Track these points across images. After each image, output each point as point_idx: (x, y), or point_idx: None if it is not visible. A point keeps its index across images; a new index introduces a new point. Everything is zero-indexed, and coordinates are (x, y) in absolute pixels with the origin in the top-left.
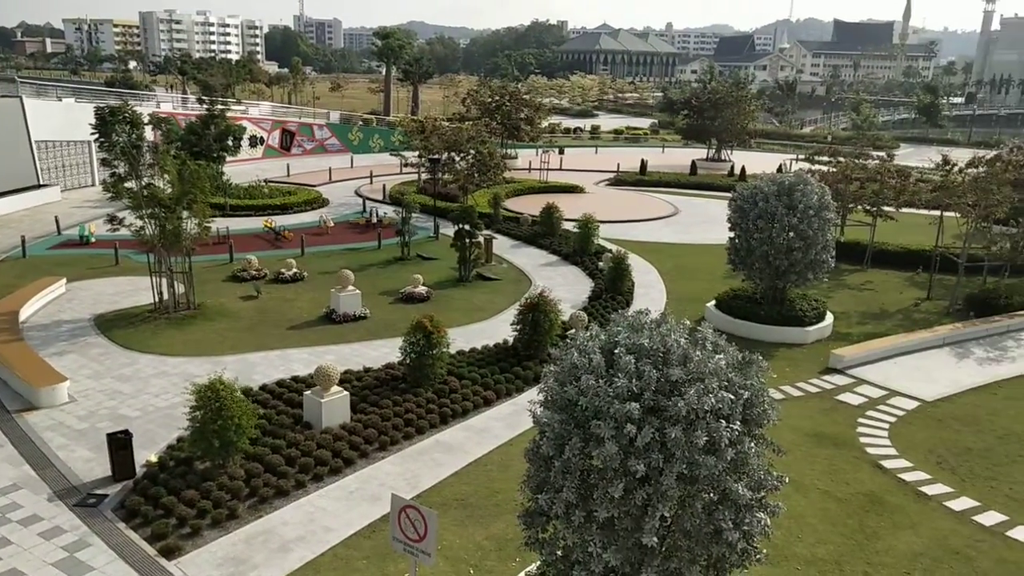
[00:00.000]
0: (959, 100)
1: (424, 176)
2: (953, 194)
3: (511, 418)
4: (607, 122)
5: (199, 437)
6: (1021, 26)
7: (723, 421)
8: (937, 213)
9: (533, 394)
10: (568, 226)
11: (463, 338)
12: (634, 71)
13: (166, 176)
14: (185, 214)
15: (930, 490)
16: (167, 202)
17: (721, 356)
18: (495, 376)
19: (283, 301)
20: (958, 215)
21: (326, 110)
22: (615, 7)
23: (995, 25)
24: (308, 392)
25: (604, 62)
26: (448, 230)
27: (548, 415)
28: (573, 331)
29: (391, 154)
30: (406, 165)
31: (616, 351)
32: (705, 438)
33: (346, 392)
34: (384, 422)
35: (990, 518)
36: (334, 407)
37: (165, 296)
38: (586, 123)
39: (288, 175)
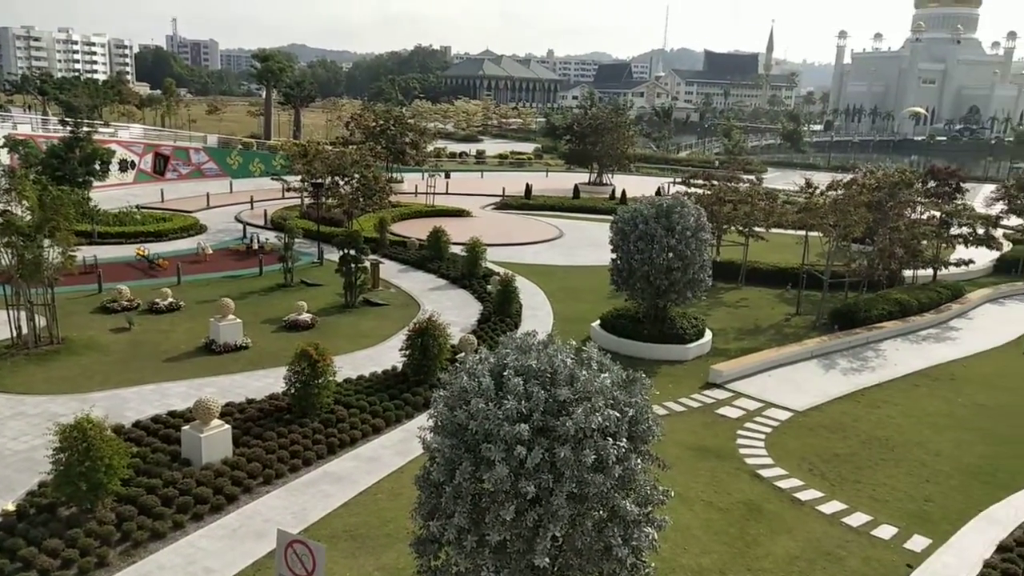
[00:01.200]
0: (819, 127)
1: (307, 201)
2: (816, 215)
3: (401, 445)
4: (492, 147)
5: (64, 481)
6: (869, 60)
7: (610, 439)
8: (803, 233)
9: (423, 420)
10: (456, 250)
11: (350, 365)
12: (517, 96)
13: (25, 202)
14: (47, 243)
15: (804, 496)
16: (26, 230)
17: (607, 375)
18: (384, 403)
19: (158, 332)
20: (821, 235)
21: (203, 133)
22: (497, 33)
23: (847, 59)
24: (186, 427)
25: (488, 87)
26: (333, 255)
27: (438, 440)
28: (463, 355)
29: (273, 178)
30: (288, 190)
31: (505, 373)
32: (593, 456)
33: (227, 425)
34: (269, 455)
35: (857, 519)
36: (215, 441)
37: (24, 330)
38: (471, 148)
39: (162, 201)
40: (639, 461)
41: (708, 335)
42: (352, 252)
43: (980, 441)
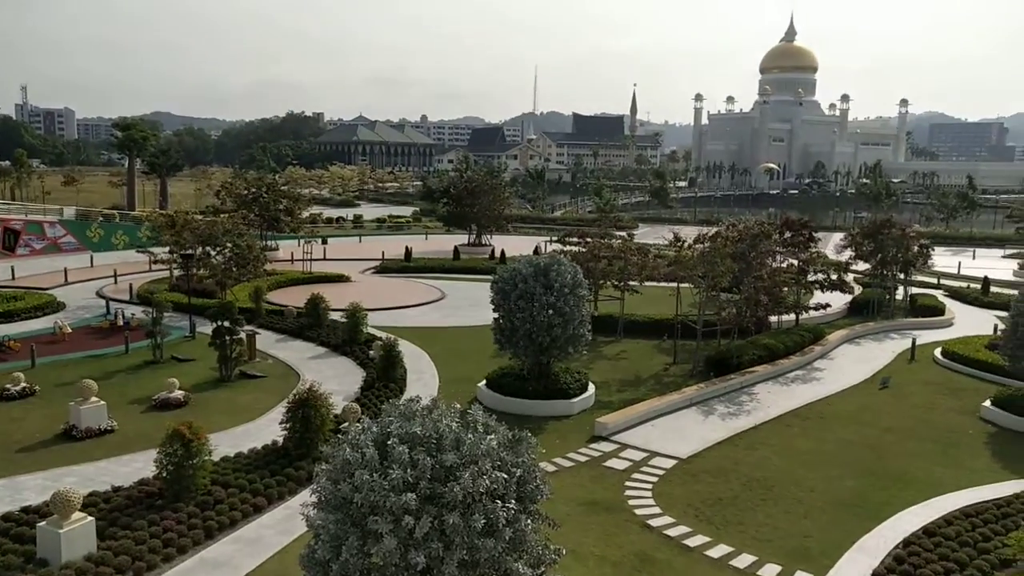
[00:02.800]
0: (684, 184)
1: (177, 273)
2: (686, 267)
3: (285, 524)
4: (370, 211)
5: None
6: (724, 121)
7: (499, 501)
8: (674, 285)
9: (307, 495)
10: (336, 316)
11: (228, 442)
12: (393, 161)
13: None
14: None
15: (692, 542)
16: None
17: (492, 437)
18: (265, 480)
19: (10, 421)
20: (692, 286)
21: (59, 206)
22: (370, 99)
23: (705, 120)
24: (43, 523)
25: (363, 152)
26: (206, 328)
27: (322, 516)
28: (346, 425)
29: (138, 251)
30: (156, 262)
31: (389, 442)
32: (483, 521)
33: (91, 517)
34: (138, 546)
35: (743, 560)
36: (76, 536)
37: None
38: (348, 212)
39: (13, 278)
40: (529, 522)
41: (592, 388)
42: (226, 323)
43: (849, 475)
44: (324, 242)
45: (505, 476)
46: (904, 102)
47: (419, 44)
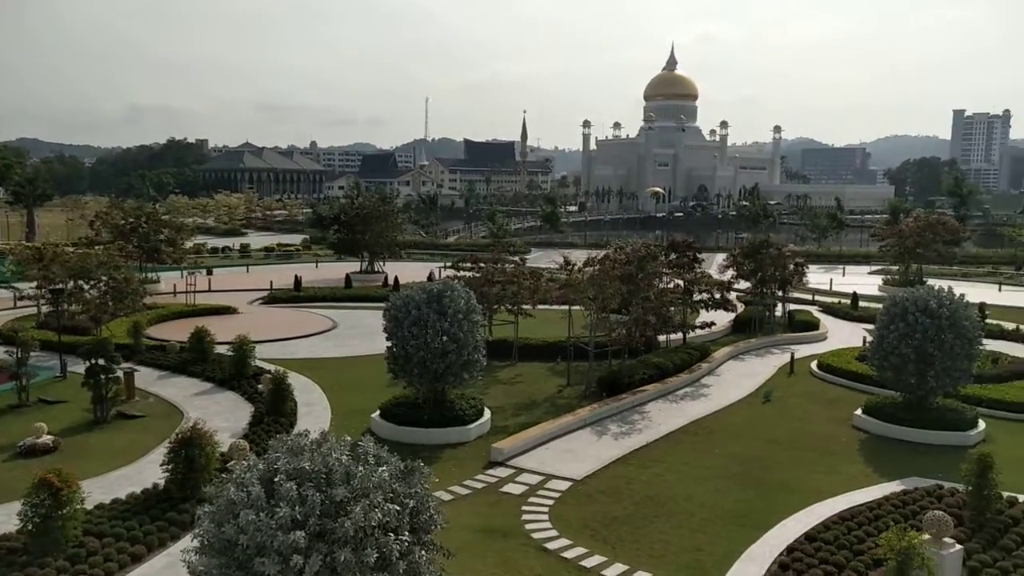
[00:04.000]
0: (574, 208)
1: (46, 309)
2: (576, 290)
3: (166, 572)
4: (257, 240)
5: None
6: (611, 146)
7: (392, 534)
8: (566, 307)
9: (190, 540)
10: (222, 349)
11: (103, 488)
12: (281, 188)
13: None
14: None
15: (588, 563)
16: None
17: (384, 468)
18: (145, 527)
19: None
20: (583, 308)
21: None
22: (256, 126)
23: (593, 145)
24: None
25: (250, 180)
26: (79, 367)
27: (205, 561)
28: (233, 463)
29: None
30: (21, 298)
31: (276, 479)
32: (375, 555)
33: None
34: None
35: None
36: None
37: None
38: (235, 241)
39: None
40: (423, 553)
41: (487, 414)
42: (101, 362)
43: (737, 487)
44: (209, 273)
45: (398, 508)
46: (777, 128)
47: (307, 69)
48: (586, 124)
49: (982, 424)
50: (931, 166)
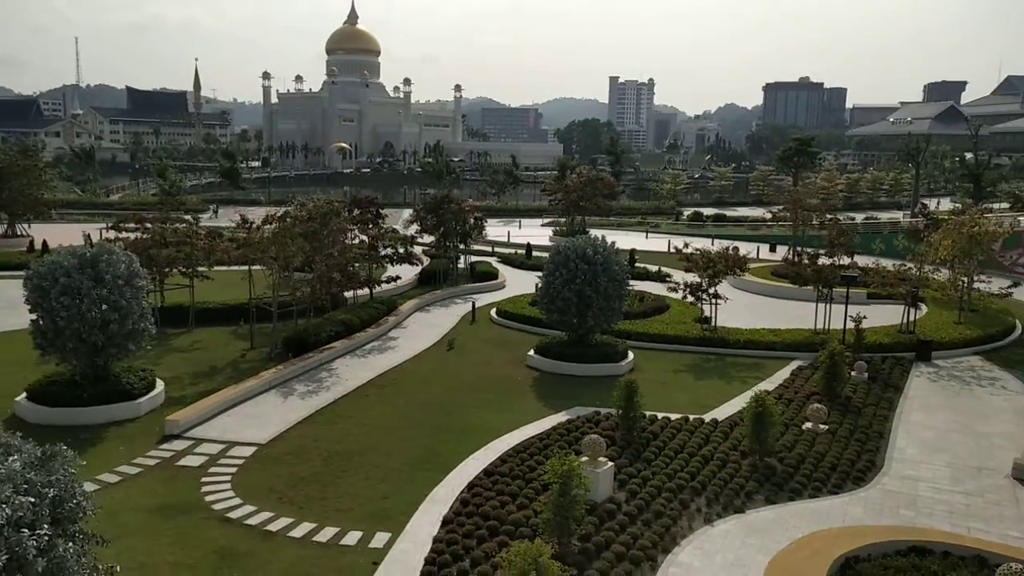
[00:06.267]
0: (257, 164)
1: None
2: (257, 249)
3: None
4: None
5: None
6: (295, 100)
7: (26, 530)
8: (247, 268)
9: None
10: None
11: None
12: None
13: None
14: None
15: (275, 526)
16: None
17: (15, 457)
18: None
19: None
20: (264, 268)
21: None
22: None
23: (275, 99)
24: None
25: None
26: None
27: None
28: None
29: None
30: None
31: None
32: (6, 556)
33: None
34: None
35: (326, 534)
36: None
37: None
38: None
39: None
40: (70, 545)
41: (160, 386)
42: None
43: (422, 435)
44: None
45: (33, 500)
46: (458, 88)
47: None
48: (266, 76)
49: (631, 355)
50: (593, 127)
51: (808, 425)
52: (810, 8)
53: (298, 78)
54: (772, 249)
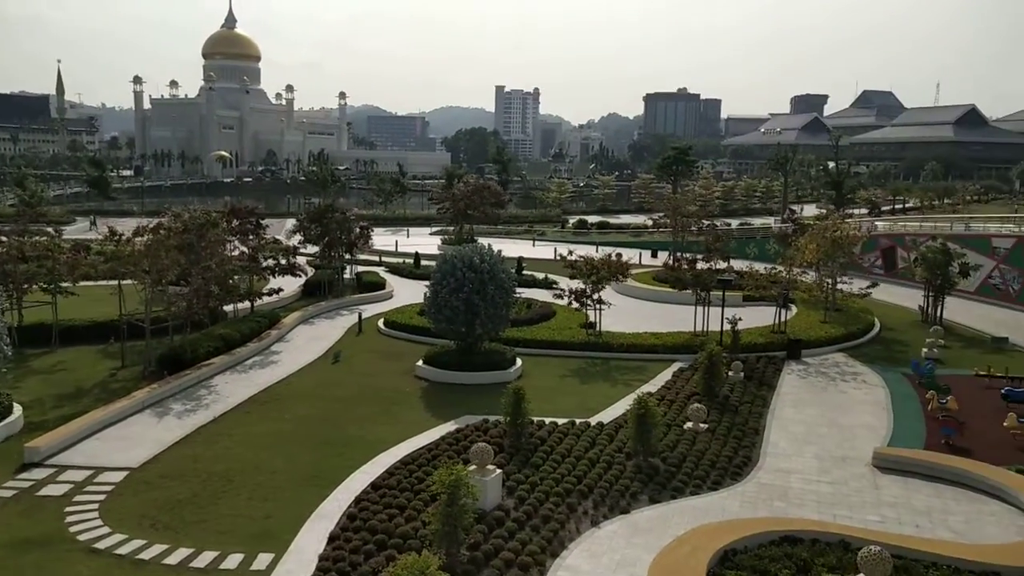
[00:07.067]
0: (129, 173)
1: None
2: (128, 263)
3: None
4: None
5: None
6: (170, 106)
7: None
8: (117, 282)
9: None
10: None
11: None
12: None
13: None
14: None
15: (148, 554)
16: None
17: None
18: None
19: None
20: (136, 282)
21: None
22: None
23: (147, 104)
24: None
25: None
26: None
27: None
28: None
29: None
30: None
31: None
32: None
33: None
34: None
35: (205, 558)
36: None
37: None
38: None
39: None
40: None
41: (18, 410)
42: None
43: (308, 450)
44: None
45: None
46: (343, 95)
47: None
48: (137, 80)
49: (519, 362)
50: (480, 136)
51: (689, 425)
52: (692, 24)
53: (173, 83)
54: (654, 255)
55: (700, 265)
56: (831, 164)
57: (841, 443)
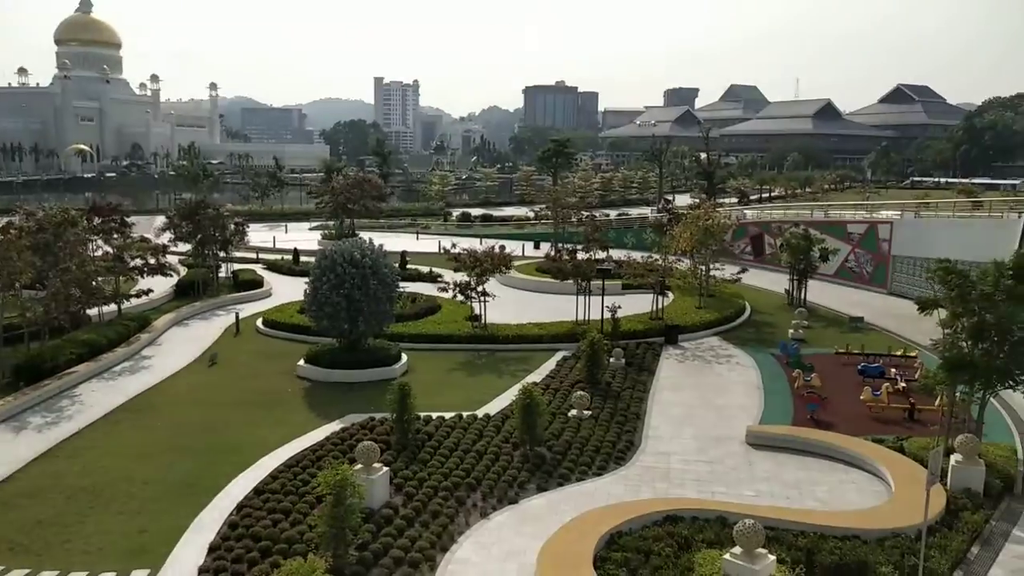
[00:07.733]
0: None
1: None
2: None
3: None
4: None
5: None
6: (19, 96)
7: None
8: None
9: None
10: None
11: None
12: None
13: None
14: None
15: None
16: None
17: None
18: None
19: None
20: None
21: None
22: None
23: None
24: None
25: None
26: None
27: None
28: None
29: None
30: None
31: None
32: None
33: None
34: None
35: None
36: None
37: None
38: None
39: None
40: None
41: None
42: None
43: (184, 459)
44: None
45: None
46: (214, 86)
47: None
48: None
49: (405, 357)
50: (359, 128)
51: (573, 412)
52: (566, 17)
53: (22, 70)
54: (536, 246)
55: (580, 255)
56: (703, 155)
57: (717, 423)
